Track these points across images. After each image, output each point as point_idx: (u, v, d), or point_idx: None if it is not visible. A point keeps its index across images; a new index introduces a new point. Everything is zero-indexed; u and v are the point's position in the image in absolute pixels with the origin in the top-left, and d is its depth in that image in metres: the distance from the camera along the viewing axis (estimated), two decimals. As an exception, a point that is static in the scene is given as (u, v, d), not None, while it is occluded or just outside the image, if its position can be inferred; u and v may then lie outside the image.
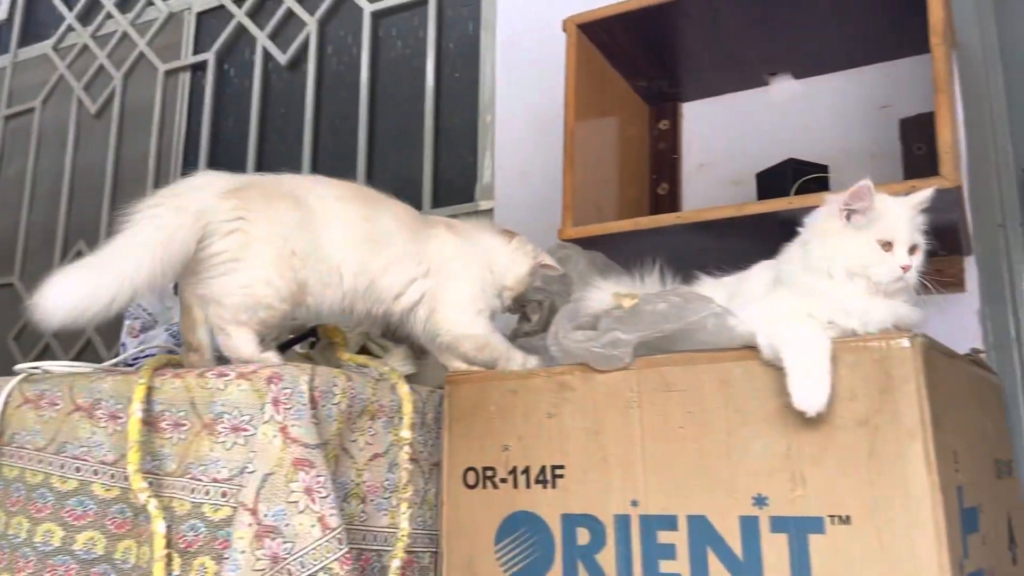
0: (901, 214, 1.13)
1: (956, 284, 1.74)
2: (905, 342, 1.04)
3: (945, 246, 1.70)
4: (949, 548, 0.98)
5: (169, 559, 1.13)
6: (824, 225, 1.16)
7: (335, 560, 1.09)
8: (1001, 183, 1.79)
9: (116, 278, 1.16)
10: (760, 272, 1.27)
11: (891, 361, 1.04)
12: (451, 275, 1.39)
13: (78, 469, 1.28)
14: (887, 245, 1.12)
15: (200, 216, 1.22)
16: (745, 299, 1.23)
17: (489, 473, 1.32)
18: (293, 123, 2.88)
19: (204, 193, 1.26)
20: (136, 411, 1.18)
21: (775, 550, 1.08)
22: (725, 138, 2.11)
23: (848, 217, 1.14)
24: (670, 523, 1.15)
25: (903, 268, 1.11)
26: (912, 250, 1.13)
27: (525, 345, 1.54)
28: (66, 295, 1.14)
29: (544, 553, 1.24)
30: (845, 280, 1.13)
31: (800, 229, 1.20)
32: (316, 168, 2.80)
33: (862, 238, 1.12)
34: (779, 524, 1.08)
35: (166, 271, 1.20)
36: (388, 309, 1.36)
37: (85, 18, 3.44)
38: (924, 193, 1.16)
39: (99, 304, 1.15)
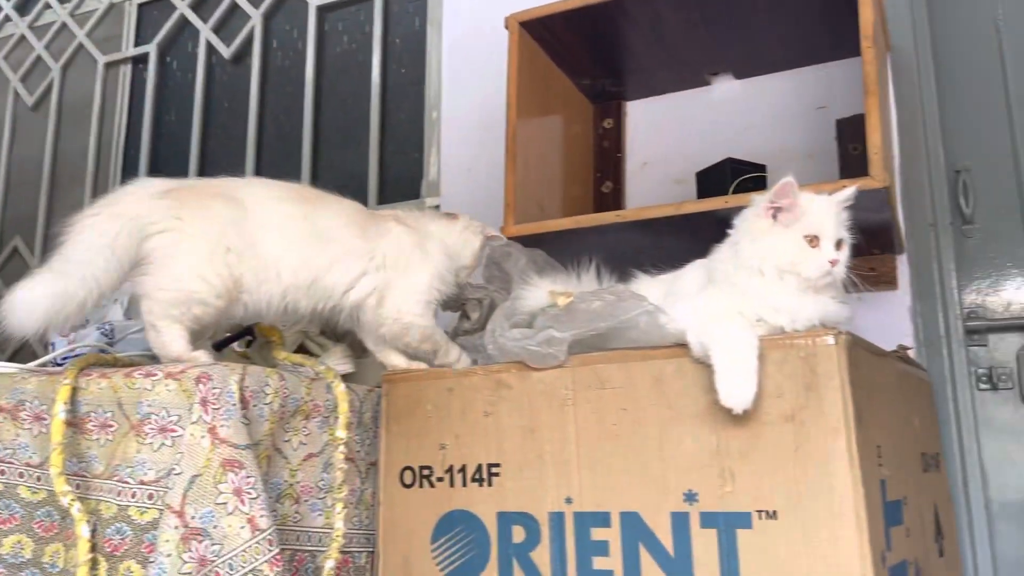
0: (826, 210, 1.16)
1: (888, 282, 1.78)
2: (830, 340, 1.06)
3: (878, 245, 1.74)
4: (870, 540, 1.00)
5: (94, 563, 1.11)
6: (752, 225, 1.18)
7: (265, 562, 1.07)
8: (932, 184, 1.83)
9: (83, 280, 1.18)
10: (694, 270, 1.28)
11: (816, 358, 1.06)
12: (409, 266, 1.40)
13: (3, 472, 1.24)
14: (814, 240, 1.14)
15: (136, 219, 1.24)
16: (679, 297, 1.24)
17: (426, 472, 1.31)
18: (237, 118, 2.84)
19: (138, 197, 1.27)
20: (59, 412, 1.15)
21: (704, 545, 1.09)
22: (668, 137, 2.12)
23: (775, 216, 1.16)
24: (603, 520, 1.16)
25: (831, 262, 1.13)
26: (838, 245, 1.16)
27: (465, 344, 1.54)
28: (38, 302, 1.15)
29: (480, 551, 1.24)
30: (776, 278, 1.15)
31: (730, 231, 1.22)
32: (260, 163, 2.76)
33: (790, 235, 1.14)
34: (709, 520, 1.09)
35: (122, 273, 1.23)
36: (337, 304, 1.36)
37: (22, 8, 3.35)
38: (847, 191, 1.19)
39: (70, 307, 1.17)
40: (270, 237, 1.30)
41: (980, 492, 1.70)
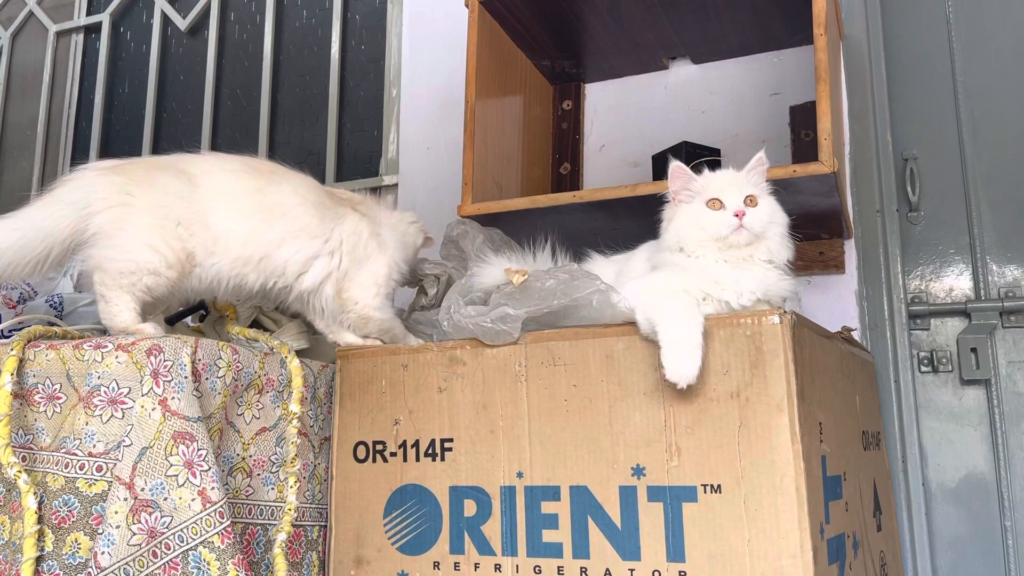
0: (725, 178, 1.23)
1: (836, 266, 1.82)
2: (775, 318, 1.09)
3: (827, 229, 1.78)
4: (809, 512, 1.03)
5: (41, 535, 1.10)
6: (665, 214, 1.26)
7: (216, 534, 1.08)
8: (880, 170, 1.87)
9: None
10: (645, 251, 1.31)
11: (762, 337, 1.09)
12: (367, 257, 1.39)
13: (-54, 445, 1.22)
14: (714, 203, 1.20)
15: (79, 203, 1.23)
16: (630, 277, 1.26)
17: (380, 447, 1.32)
18: (193, 92, 2.80)
19: (83, 180, 1.26)
20: (5, 384, 1.14)
21: (651, 518, 1.12)
22: (626, 120, 2.14)
23: (677, 201, 1.23)
24: (553, 494, 1.18)
25: (736, 214, 1.17)
26: (749, 201, 1.20)
27: (421, 319, 1.55)
28: None
29: (432, 525, 1.26)
30: (696, 249, 1.19)
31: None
32: (216, 138, 2.72)
33: (692, 207, 1.22)
34: (656, 493, 1.12)
35: (38, 259, 1.22)
36: (290, 285, 1.34)
37: (-31, -27, 3.25)
38: (755, 157, 1.25)
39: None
40: (219, 208, 1.28)
41: (919, 471, 1.76)
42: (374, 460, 1.32)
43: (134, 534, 1.05)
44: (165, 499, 1.07)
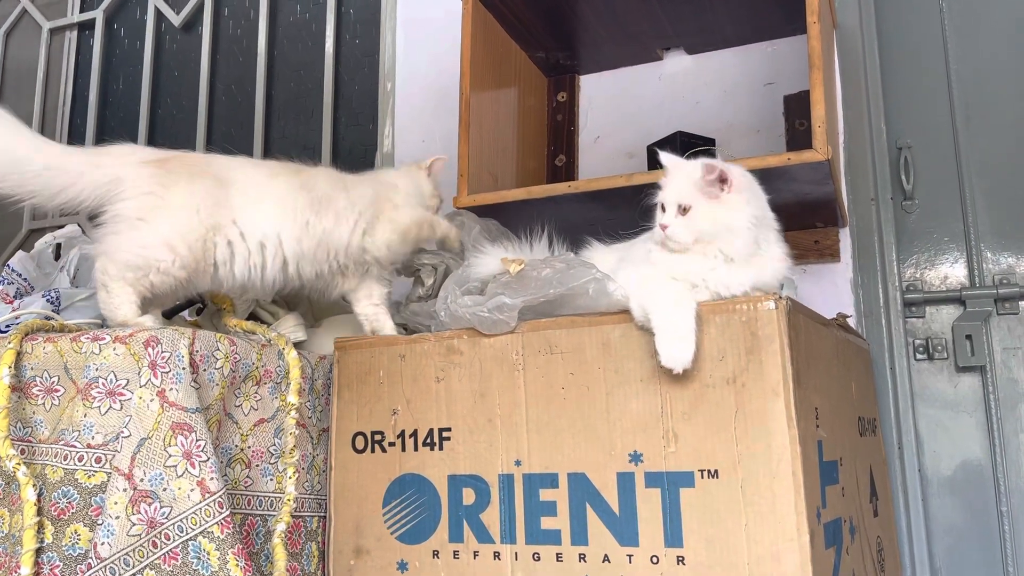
0: (672, 178, 1.20)
1: (831, 254, 1.83)
2: (770, 304, 1.09)
3: (821, 218, 1.79)
4: (806, 497, 1.04)
5: (40, 526, 1.10)
6: None
7: (215, 523, 1.08)
8: (875, 159, 1.88)
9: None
10: (645, 240, 1.30)
11: (757, 323, 1.09)
12: (394, 201, 1.49)
13: (-55, 439, 1.22)
14: (662, 208, 1.19)
15: (115, 180, 1.24)
16: (629, 264, 1.26)
17: (378, 437, 1.32)
18: (187, 87, 2.79)
19: (125, 160, 1.27)
20: (4, 376, 1.14)
21: (649, 504, 1.12)
22: (621, 111, 2.15)
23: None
24: (551, 481, 1.19)
25: (661, 226, 1.17)
26: (682, 210, 1.16)
27: (419, 311, 1.55)
28: None
29: (431, 514, 1.26)
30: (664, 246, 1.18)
31: None
32: (211, 134, 2.72)
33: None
34: (653, 479, 1.13)
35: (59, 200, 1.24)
36: (340, 261, 1.41)
37: (-39, -30, 3.24)
38: (703, 164, 1.17)
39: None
40: (265, 212, 1.32)
41: (914, 458, 1.77)
42: (372, 450, 1.32)
43: (134, 524, 1.06)
44: (164, 489, 1.07)
